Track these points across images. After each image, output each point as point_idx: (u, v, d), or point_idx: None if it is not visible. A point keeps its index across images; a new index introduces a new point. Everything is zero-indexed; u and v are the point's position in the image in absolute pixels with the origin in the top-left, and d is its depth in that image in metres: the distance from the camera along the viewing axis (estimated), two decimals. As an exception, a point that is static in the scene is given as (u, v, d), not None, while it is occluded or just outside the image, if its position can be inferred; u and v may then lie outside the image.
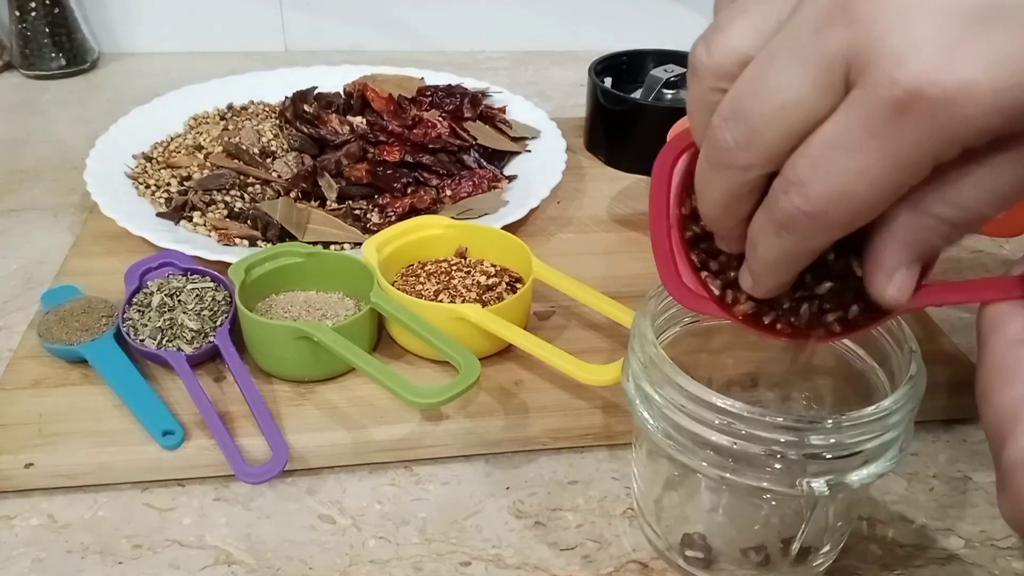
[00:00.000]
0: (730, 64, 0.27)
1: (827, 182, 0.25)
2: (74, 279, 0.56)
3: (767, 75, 0.26)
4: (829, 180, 0.25)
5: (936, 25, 0.23)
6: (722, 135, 0.27)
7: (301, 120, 0.72)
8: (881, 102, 0.24)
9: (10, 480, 0.43)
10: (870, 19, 0.24)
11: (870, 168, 0.25)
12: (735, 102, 0.27)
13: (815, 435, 0.32)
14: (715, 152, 0.28)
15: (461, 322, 0.48)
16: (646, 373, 0.36)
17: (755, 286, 0.31)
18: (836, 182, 0.25)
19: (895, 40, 0.23)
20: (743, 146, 0.27)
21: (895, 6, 0.23)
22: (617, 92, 0.75)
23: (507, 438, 0.46)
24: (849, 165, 0.25)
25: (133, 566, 0.40)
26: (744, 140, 0.27)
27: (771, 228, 0.28)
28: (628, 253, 0.63)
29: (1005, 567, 0.42)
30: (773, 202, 0.27)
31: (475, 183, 0.67)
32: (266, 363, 0.49)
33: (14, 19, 0.92)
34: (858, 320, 0.32)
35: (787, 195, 0.26)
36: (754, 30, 0.27)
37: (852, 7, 0.24)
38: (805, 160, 0.26)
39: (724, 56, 0.27)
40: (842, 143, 0.25)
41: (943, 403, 0.49)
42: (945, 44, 0.23)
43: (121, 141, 0.70)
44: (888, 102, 0.23)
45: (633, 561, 0.41)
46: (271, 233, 0.59)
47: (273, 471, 0.42)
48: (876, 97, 0.24)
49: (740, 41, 0.27)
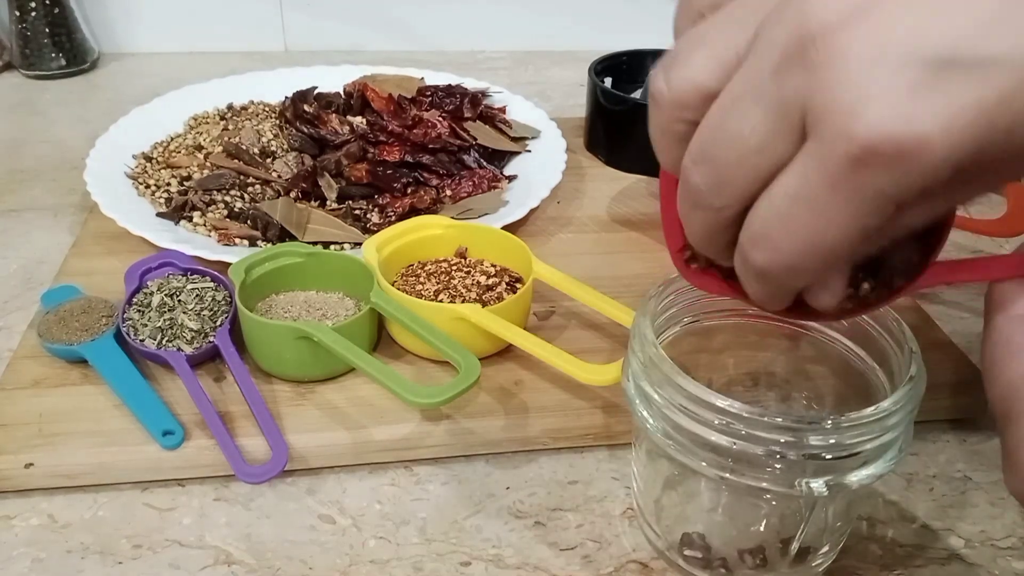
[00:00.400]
0: (689, 98, 0.27)
1: (794, 236, 0.26)
2: (74, 279, 0.56)
3: (730, 119, 0.26)
4: (795, 233, 0.25)
5: (892, 75, 0.23)
6: (693, 178, 0.28)
7: (301, 120, 0.72)
8: (837, 157, 0.23)
9: (10, 480, 0.43)
10: (826, 66, 0.23)
11: (834, 219, 0.25)
12: (702, 146, 0.27)
13: (814, 435, 0.32)
14: (689, 193, 0.28)
15: (461, 322, 0.48)
16: (646, 373, 0.36)
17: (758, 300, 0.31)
18: (803, 236, 0.25)
19: (850, 91, 0.23)
20: (713, 190, 0.27)
21: (852, 53, 0.23)
22: (617, 92, 0.75)
23: (507, 438, 0.46)
24: (814, 219, 0.25)
25: (133, 566, 0.40)
26: (714, 184, 0.27)
27: (749, 276, 0.28)
28: (628, 253, 0.63)
29: (1005, 567, 0.42)
30: (745, 255, 0.27)
31: (475, 183, 0.67)
32: (266, 363, 0.49)
33: (14, 19, 0.92)
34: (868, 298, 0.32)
35: (756, 250, 0.27)
36: (714, 62, 0.27)
37: (809, 52, 0.23)
38: (769, 213, 0.26)
39: (683, 90, 0.27)
40: (802, 196, 0.25)
41: (943, 404, 0.49)
42: (901, 96, 0.22)
43: (121, 141, 0.70)
44: (844, 157, 0.23)
45: (633, 561, 0.41)
46: (271, 233, 0.59)
47: (273, 471, 0.42)
48: (832, 151, 0.23)
49: (699, 74, 0.27)
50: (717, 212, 0.28)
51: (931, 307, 0.59)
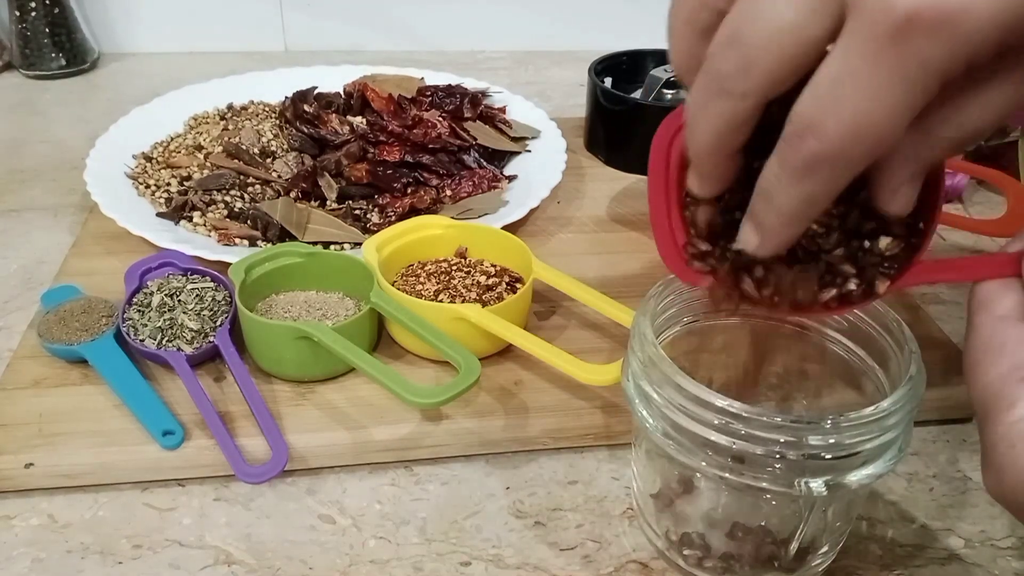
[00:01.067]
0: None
1: (841, 119, 0.25)
2: (74, 279, 0.56)
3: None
4: (843, 116, 0.25)
5: None
6: (720, 62, 0.27)
7: (301, 120, 0.72)
8: (879, 29, 0.23)
9: (10, 480, 0.43)
10: None
11: (881, 96, 0.24)
12: (732, 28, 0.26)
13: (814, 435, 0.32)
14: (712, 80, 0.27)
15: (461, 322, 0.48)
16: (645, 373, 0.36)
17: (763, 243, 0.30)
18: (850, 117, 0.25)
19: None
20: (742, 72, 0.26)
21: None
22: (617, 92, 0.75)
23: (507, 438, 0.46)
24: (860, 97, 0.24)
25: (133, 566, 0.40)
26: (743, 66, 0.26)
27: (790, 176, 0.27)
28: (628, 253, 0.63)
29: (1005, 567, 0.42)
30: (789, 148, 0.27)
31: (475, 183, 0.67)
32: (266, 363, 0.49)
33: (14, 19, 0.92)
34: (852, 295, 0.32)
35: (802, 139, 0.26)
36: None
37: None
38: (814, 100, 0.25)
39: None
40: (848, 76, 0.24)
41: (943, 403, 0.49)
42: None
43: (121, 141, 0.70)
44: (886, 28, 0.23)
45: (633, 561, 0.41)
46: (271, 233, 0.59)
47: (273, 471, 0.42)
48: (873, 25, 0.23)
49: None
50: (740, 100, 0.27)
51: (931, 307, 0.59)
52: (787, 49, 0.25)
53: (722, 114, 0.28)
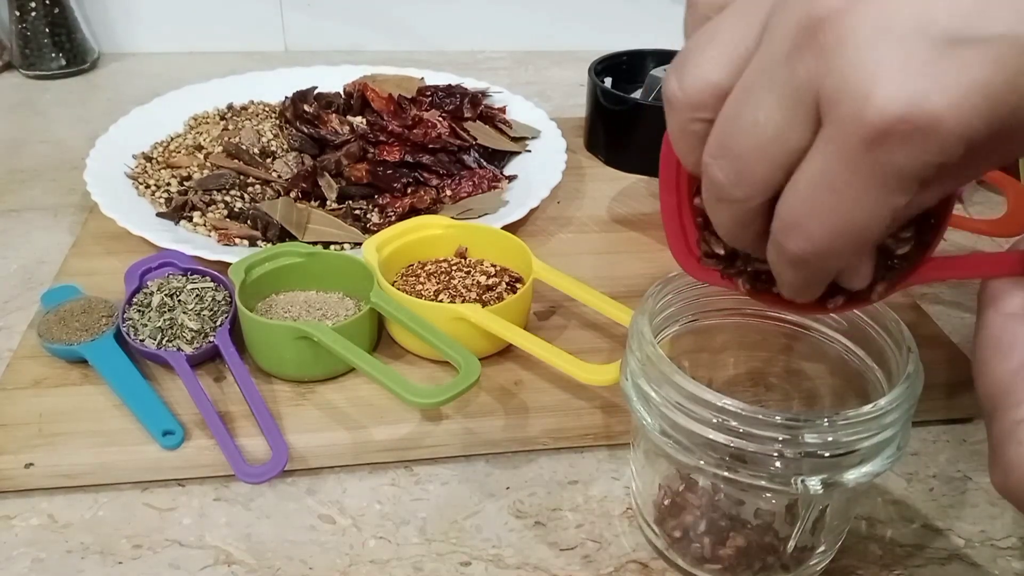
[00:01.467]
0: (703, 97, 0.27)
1: (824, 221, 0.26)
2: (74, 279, 0.56)
3: (745, 111, 0.26)
4: (826, 219, 0.26)
5: (903, 53, 0.23)
6: (714, 173, 0.28)
7: (301, 120, 0.72)
8: (852, 139, 0.24)
9: (10, 480, 0.43)
10: (836, 48, 0.23)
11: (859, 201, 0.25)
12: (720, 140, 0.27)
13: (811, 433, 0.32)
14: (712, 188, 0.28)
15: (461, 322, 0.48)
16: (644, 371, 0.36)
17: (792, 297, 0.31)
18: (833, 219, 0.26)
19: (860, 72, 0.23)
20: (735, 183, 0.27)
21: (860, 34, 0.23)
22: (617, 92, 0.75)
23: (507, 438, 0.47)
24: (840, 201, 0.25)
25: (133, 566, 0.40)
26: (735, 177, 0.27)
27: (786, 265, 0.28)
28: (628, 253, 0.63)
29: (1005, 567, 0.42)
30: (779, 244, 0.28)
31: (475, 183, 0.67)
32: (266, 363, 0.49)
33: (14, 19, 0.92)
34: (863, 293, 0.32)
35: (789, 239, 0.27)
36: (725, 59, 0.27)
37: (818, 34, 0.24)
38: (798, 201, 0.26)
39: (697, 90, 0.27)
40: (825, 181, 0.25)
41: (943, 403, 0.49)
42: (910, 74, 0.23)
43: (121, 141, 0.70)
44: (859, 139, 0.23)
45: (633, 561, 0.41)
46: (271, 233, 0.60)
47: (273, 471, 0.42)
48: (847, 134, 0.24)
49: (711, 72, 0.27)
50: (742, 204, 0.28)
51: (930, 306, 0.59)
52: (774, 159, 0.26)
53: (731, 214, 0.29)
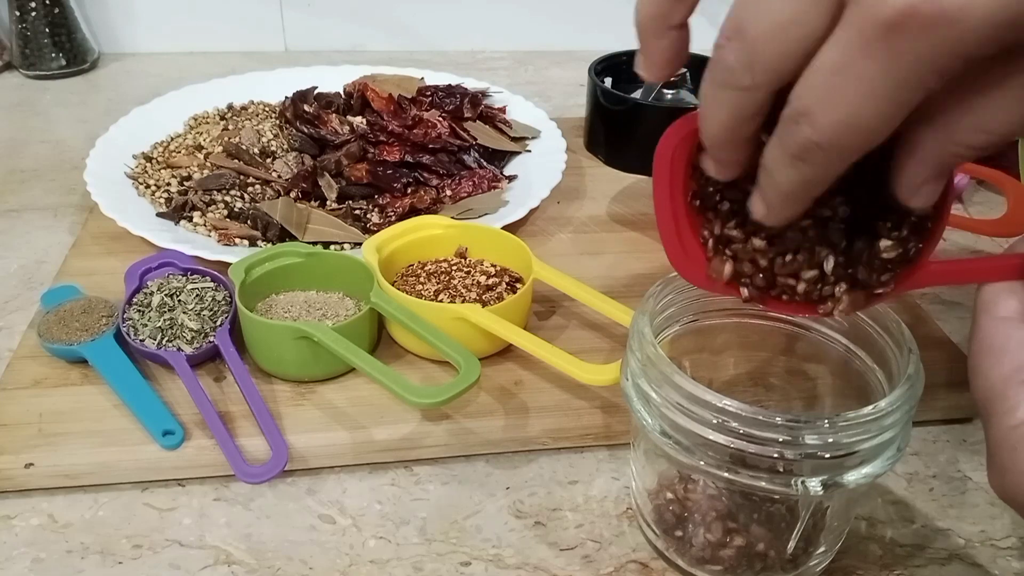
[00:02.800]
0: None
1: (834, 110, 0.25)
2: (74, 279, 0.56)
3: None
4: (836, 108, 0.25)
5: None
6: (725, 56, 0.27)
7: (301, 120, 0.72)
8: (873, 23, 0.23)
9: (10, 480, 0.43)
10: None
11: (873, 91, 0.24)
12: (736, 22, 0.27)
13: (811, 435, 0.32)
14: (719, 72, 0.28)
15: (461, 322, 0.48)
16: (644, 372, 0.36)
17: (768, 214, 0.30)
18: (843, 109, 0.25)
19: None
20: (746, 66, 0.27)
21: None
22: (617, 92, 0.75)
23: (507, 438, 0.47)
24: (852, 91, 0.25)
25: (133, 566, 0.40)
26: (746, 60, 0.26)
27: (786, 159, 0.28)
28: (628, 253, 0.63)
29: (1005, 567, 0.42)
30: (784, 133, 0.27)
31: (475, 183, 0.67)
32: (266, 363, 0.49)
33: (14, 19, 0.92)
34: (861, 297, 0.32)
35: (797, 126, 0.26)
36: None
37: None
38: (810, 88, 0.26)
39: None
40: (842, 68, 0.24)
41: (943, 403, 0.49)
42: None
43: (121, 141, 0.70)
44: (880, 24, 0.23)
45: (633, 561, 0.41)
46: (271, 233, 0.60)
47: (273, 471, 0.42)
48: (867, 19, 0.23)
49: None
50: (747, 92, 0.27)
51: (930, 306, 0.59)
52: (789, 43, 0.25)
53: (731, 105, 0.28)
